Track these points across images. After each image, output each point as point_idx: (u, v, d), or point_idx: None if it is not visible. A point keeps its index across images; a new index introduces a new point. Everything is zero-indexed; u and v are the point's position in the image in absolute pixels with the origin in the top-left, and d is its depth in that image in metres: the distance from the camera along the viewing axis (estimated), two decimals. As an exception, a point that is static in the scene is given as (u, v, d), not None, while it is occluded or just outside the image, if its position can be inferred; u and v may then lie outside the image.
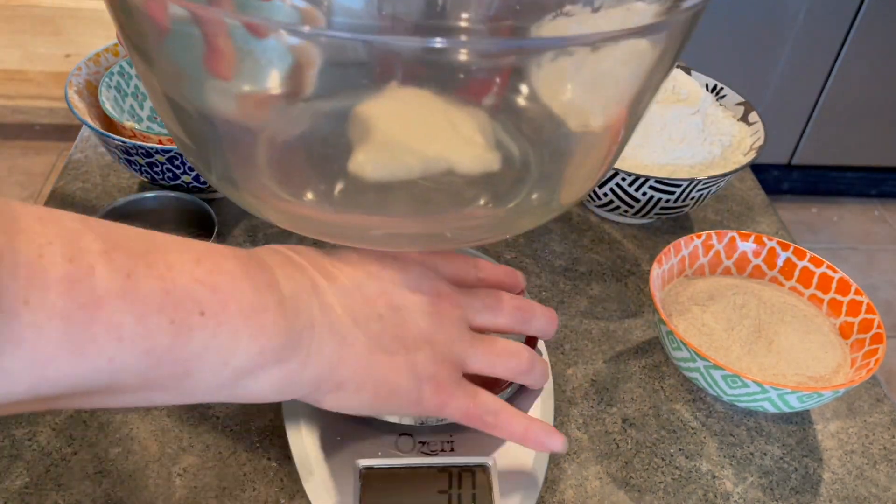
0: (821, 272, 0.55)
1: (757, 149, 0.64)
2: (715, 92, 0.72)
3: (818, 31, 1.78)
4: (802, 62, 1.84)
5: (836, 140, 2.02)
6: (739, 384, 0.46)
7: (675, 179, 0.58)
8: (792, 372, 0.50)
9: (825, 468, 0.49)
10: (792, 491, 0.47)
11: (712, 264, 0.58)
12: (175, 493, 0.44)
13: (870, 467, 0.50)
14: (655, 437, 0.50)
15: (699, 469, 0.48)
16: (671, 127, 0.64)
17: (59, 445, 0.46)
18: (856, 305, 0.53)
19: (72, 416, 0.47)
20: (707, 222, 0.70)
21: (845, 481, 0.48)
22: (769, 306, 0.54)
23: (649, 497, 0.46)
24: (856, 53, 1.82)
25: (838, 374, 0.50)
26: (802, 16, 1.76)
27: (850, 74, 1.86)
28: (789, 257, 0.56)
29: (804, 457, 0.50)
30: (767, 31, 1.78)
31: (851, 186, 2.15)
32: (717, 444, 0.50)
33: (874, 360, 0.48)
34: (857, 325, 0.52)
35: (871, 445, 0.51)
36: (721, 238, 0.57)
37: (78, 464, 0.45)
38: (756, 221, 0.70)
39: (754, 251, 0.57)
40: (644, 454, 0.49)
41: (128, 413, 0.48)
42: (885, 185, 2.16)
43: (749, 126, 0.67)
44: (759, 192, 0.74)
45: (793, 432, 0.51)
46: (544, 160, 0.41)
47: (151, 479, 0.44)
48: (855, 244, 2.05)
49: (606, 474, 0.47)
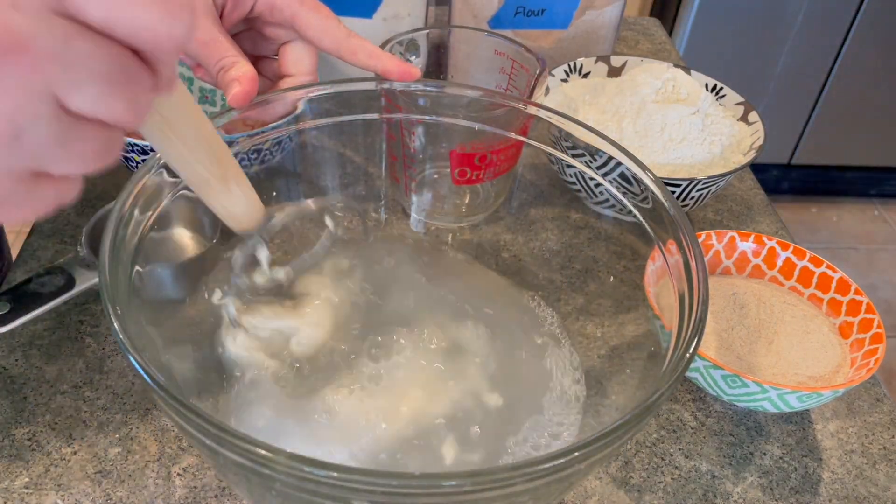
0: (820, 272, 0.55)
1: (757, 149, 0.64)
2: (715, 92, 0.72)
3: (818, 31, 1.78)
4: (802, 62, 1.84)
5: (835, 140, 2.02)
6: (739, 384, 0.46)
7: (675, 179, 0.58)
8: (792, 372, 0.50)
9: (825, 468, 0.49)
10: (791, 491, 0.47)
11: (712, 264, 0.58)
12: (175, 493, 0.44)
13: (869, 467, 0.50)
14: (655, 436, 0.50)
15: (699, 469, 0.48)
16: (671, 127, 0.64)
17: (59, 445, 0.46)
18: (855, 305, 0.53)
19: (72, 416, 0.47)
20: (707, 222, 0.70)
21: (845, 481, 0.48)
22: (769, 306, 0.54)
23: (649, 497, 0.46)
24: (855, 53, 1.82)
25: (838, 374, 0.50)
26: (802, 16, 1.76)
27: (849, 74, 1.86)
28: (789, 257, 0.56)
29: (804, 456, 0.50)
30: (767, 31, 1.78)
31: (851, 186, 2.15)
32: (716, 444, 0.50)
33: (874, 359, 0.48)
34: (856, 324, 0.52)
35: (870, 445, 0.51)
36: (721, 238, 0.57)
37: (78, 464, 0.45)
38: (756, 221, 0.70)
39: (754, 251, 0.57)
40: (644, 454, 0.49)
41: (128, 413, 0.48)
42: (885, 185, 2.16)
43: (749, 126, 0.67)
44: (759, 191, 0.74)
45: (792, 432, 0.51)
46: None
47: (151, 479, 0.44)
48: (855, 244, 2.05)
49: (606, 474, 0.47)
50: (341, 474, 0.28)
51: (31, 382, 0.49)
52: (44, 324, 0.53)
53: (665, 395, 0.33)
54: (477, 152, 0.54)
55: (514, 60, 0.62)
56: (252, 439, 0.28)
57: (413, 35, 0.62)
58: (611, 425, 0.31)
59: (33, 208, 0.25)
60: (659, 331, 0.51)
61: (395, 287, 0.52)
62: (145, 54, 0.24)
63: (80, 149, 0.24)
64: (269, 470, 0.29)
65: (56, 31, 0.22)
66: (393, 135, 0.55)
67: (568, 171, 0.54)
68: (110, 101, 0.23)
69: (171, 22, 0.23)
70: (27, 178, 0.24)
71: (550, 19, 0.76)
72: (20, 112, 0.22)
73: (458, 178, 0.57)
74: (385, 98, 0.51)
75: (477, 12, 0.74)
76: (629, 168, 0.45)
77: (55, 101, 0.22)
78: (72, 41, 0.22)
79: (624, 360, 0.53)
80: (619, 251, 0.62)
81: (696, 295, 0.37)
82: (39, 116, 0.22)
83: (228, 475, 0.35)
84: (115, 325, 0.32)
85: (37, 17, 0.21)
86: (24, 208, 0.25)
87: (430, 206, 0.59)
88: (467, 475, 0.28)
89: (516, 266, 0.62)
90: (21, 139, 0.22)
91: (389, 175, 0.58)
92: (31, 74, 0.21)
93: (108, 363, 0.51)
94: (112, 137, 0.25)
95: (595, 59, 0.74)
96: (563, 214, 0.67)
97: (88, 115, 0.23)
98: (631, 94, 0.66)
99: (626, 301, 0.59)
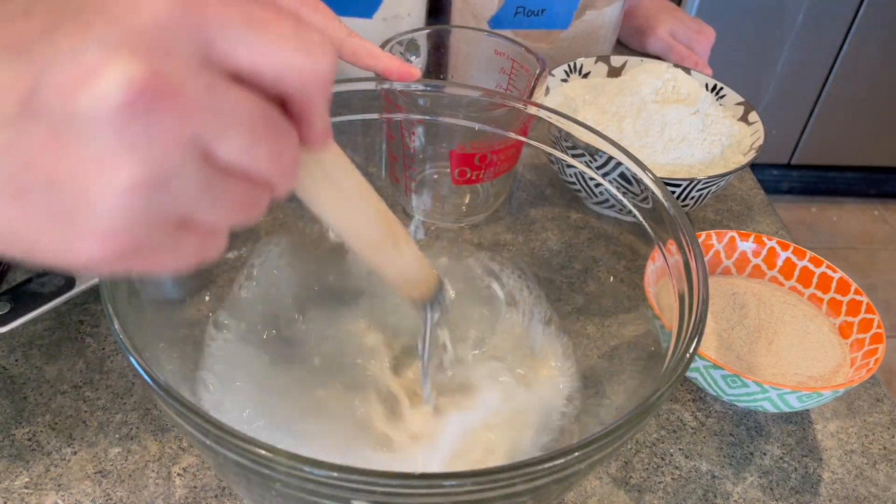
0: (820, 272, 0.55)
1: (757, 149, 0.64)
2: (715, 92, 0.72)
3: (818, 31, 1.78)
4: (802, 62, 1.84)
5: (835, 140, 2.02)
6: (739, 384, 0.46)
7: (675, 179, 0.58)
8: (792, 372, 0.50)
9: (825, 468, 0.49)
10: (791, 491, 0.47)
11: (712, 264, 0.58)
12: (175, 493, 0.44)
13: (869, 467, 0.50)
14: (655, 436, 0.50)
15: (699, 469, 0.48)
16: (671, 127, 0.64)
17: (59, 445, 0.46)
18: (855, 305, 0.53)
19: (72, 416, 0.47)
20: (707, 222, 0.70)
21: (845, 481, 0.48)
22: (769, 306, 0.54)
23: (649, 497, 0.46)
24: (856, 53, 1.83)
25: (838, 374, 0.50)
26: (802, 16, 1.76)
27: (850, 74, 1.86)
28: (789, 257, 0.56)
29: (804, 456, 0.50)
30: (767, 31, 1.78)
31: (851, 186, 2.15)
32: (716, 444, 0.50)
33: (874, 359, 0.48)
34: (856, 324, 0.52)
35: (870, 445, 0.51)
36: (721, 238, 0.57)
37: (78, 464, 0.45)
38: (756, 221, 0.70)
39: (754, 251, 0.57)
40: (644, 454, 0.49)
41: (128, 413, 0.48)
42: (885, 185, 2.16)
43: (749, 126, 0.67)
44: (759, 191, 0.74)
45: (792, 432, 0.51)
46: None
47: (151, 479, 0.44)
48: (854, 244, 2.05)
49: (606, 474, 0.47)
50: (341, 474, 0.28)
51: (31, 382, 0.49)
52: (44, 324, 0.53)
53: (665, 395, 0.33)
54: (477, 152, 0.54)
55: (514, 60, 0.62)
56: (252, 439, 0.28)
57: (413, 35, 0.62)
58: (611, 425, 0.31)
59: (177, 258, 0.25)
60: (659, 331, 0.51)
61: None
62: (293, 102, 0.24)
63: (225, 200, 0.24)
64: (269, 470, 0.29)
65: (206, 79, 0.22)
66: (393, 135, 0.55)
67: (568, 171, 0.54)
68: (255, 152, 0.23)
69: (314, 60, 0.24)
70: (172, 228, 0.24)
71: (550, 19, 0.76)
72: (168, 159, 0.22)
73: (458, 178, 0.57)
74: (385, 98, 0.51)
75: (477, 12, 0.74)
76: (629, 168, 0.45)
77: (202, 150, 0.22)
78: (220, 90, 0.22)
79: (624, 360, 0.53)
80: (619, 251, 0.62)
81: (696, 295, 0.37)
82: (186, 165, 0.22)
83: (228, 475, 0.35)
84: (115, 325, 0.32)
85: (188, 64, 0.21)
86: (167, 258, 0.25)
87: (430, 206, 0.59)
88: (467, 475, 0.28)
89: (516, 266, 0.62)
90: (167, 187, 0.22)
91: (389, 175, 0.58)
92: (181, 121, 0.21)
93: (108, 363, 0.51)
94: (259, 192, 0.25)
95: (595, 59, 0.74)
96: (563, 214, 0.67)
97: (234, 167, 0.23)
98: (631, 94, 0.66)
99: (626, 301, 0.59)
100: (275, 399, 0.43)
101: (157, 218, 0.23)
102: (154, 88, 0.21)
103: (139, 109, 0.20)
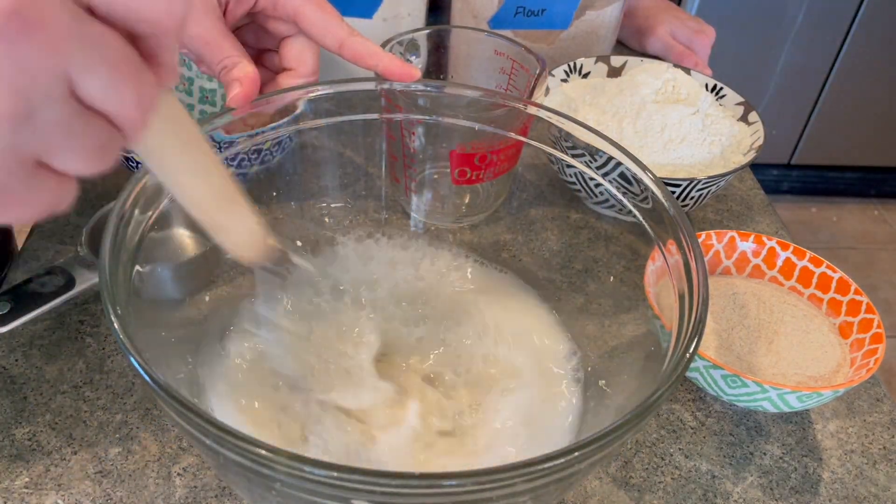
0: (820, 272, 0.55)
1: (756, 149, 0.64)
2: (715, 92, 0.72)
3: (818, 31, 1.79)
4: (802, 62, 1.84)
5: (835, 140, 2.02)
6: (739, 384, 0.46)
7: (675, 179, 0.58)
8: (792, 372, 0.50)
9: (825, 468, 0.49)
10: (791, 491, 0.47)
11: (712, 264, 0.58)
12: (175, 493, 0.44)
13: (869, 467, 0.50)
14: (655, 436, 0.50)
15: (699, 469, 0.48)
16: (671, 127, 0.64)
17: (59, 445, 0.46)
18: (855, 305, 0.53)
19: (72, 416, 0.47)
20: (707, 222, 0.70)
21: (845, 481, 0.49)
22: (769, 306, 0.54)
23: (649, 497, 0.46)
24: (855, 53, 1.83)
25: (838, 374, 0.50)
26: (802, 16, 1.76)
27: (849, 74, 1.86)
28: (789, 257, 0.56)
29: (804, 456, 0.50)
30: (767, 31, 1.78)
31: (851, 186, 2.15)
32: (716, 444, 0.50)
33: (874, 359, 0.48)
34: (856, 324, 0.52)
35: (870, 445, 0.51)
36: (721, 238, 0.57)
37: (78, 464, 0.45)
38: (756, 221, 0.70)
39: (754, 251, 0.57)
40: (644, 454, 0.49)
41: (128, 413, 0.48)
42: (885, 186, 2.16)
43: (749, 126, 0.67)
44: (759, 191, 0.74)
45: (792, 432, 0.51)
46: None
47: (151, 479, 0.44)
48: (854, 244, 2.05)
49: (606, 474, 0.47)
50: (341, 474, 0.28)
51: (31, 382, 0.49)
52: (44, 324, 0.53)
53: (665, 395, 0.33)
54: (477, 152, 0.54)
55: (514, 60, 0.62)
56: (252, 439, 0.28)
57: (413, 35, 0.62)
58: (611, 425, 0.31)
59: (29, 204, 0.24)
60: (659, 331, 0.51)
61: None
62: (147, 42, 0.24)
63: (83, 142, 0.24)
64: (269, 470, 0.29)
65: (70, 12, 0.22)
66: (393, 135, 0.55)
67: (568, 171, 0.54)
68: (119, 89, 0.23)
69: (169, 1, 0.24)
70: (29, 166, 0.23)
71: (550, 19, 0.76)
72: (35, 89, 0.21)
73: (458, 178, 0.57)
74: (385, 98, 0.51)
75: (477, 12, 0.74)
76: (629, 168, 0.45)
77: (68, 82, 0.22)
78: (83, 23, 0.22)
79: (624, 360, 0.53)
80: (619, 251, 0.62)
81: (696, 295, 0.37)
82: (52, 96, 0.22)
83: (228, 475, 0.35)
84: (115, 325, 0.32)
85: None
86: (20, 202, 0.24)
87: (430, 206, 0.59)
88: (467, 475, 0.28)
89: (516, 266, 0.62)
90: (32, 119, 0.22)
91: (389, 175, 0.58)
92: (49, 51, 0.21)
93: (108, 363, 0.51)
94: (114, 136, 0.24)
95: (595, 59, 0.74)
96: (563, 214, 0.67)
97: (97, 104, 0.23)
98: (631, 95, 0.66)
99: (626, 301, 0.59)
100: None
101: (16, 155, 0.22)
102: (22, 16, 0.20)
103: (6, 38, 0.20)
